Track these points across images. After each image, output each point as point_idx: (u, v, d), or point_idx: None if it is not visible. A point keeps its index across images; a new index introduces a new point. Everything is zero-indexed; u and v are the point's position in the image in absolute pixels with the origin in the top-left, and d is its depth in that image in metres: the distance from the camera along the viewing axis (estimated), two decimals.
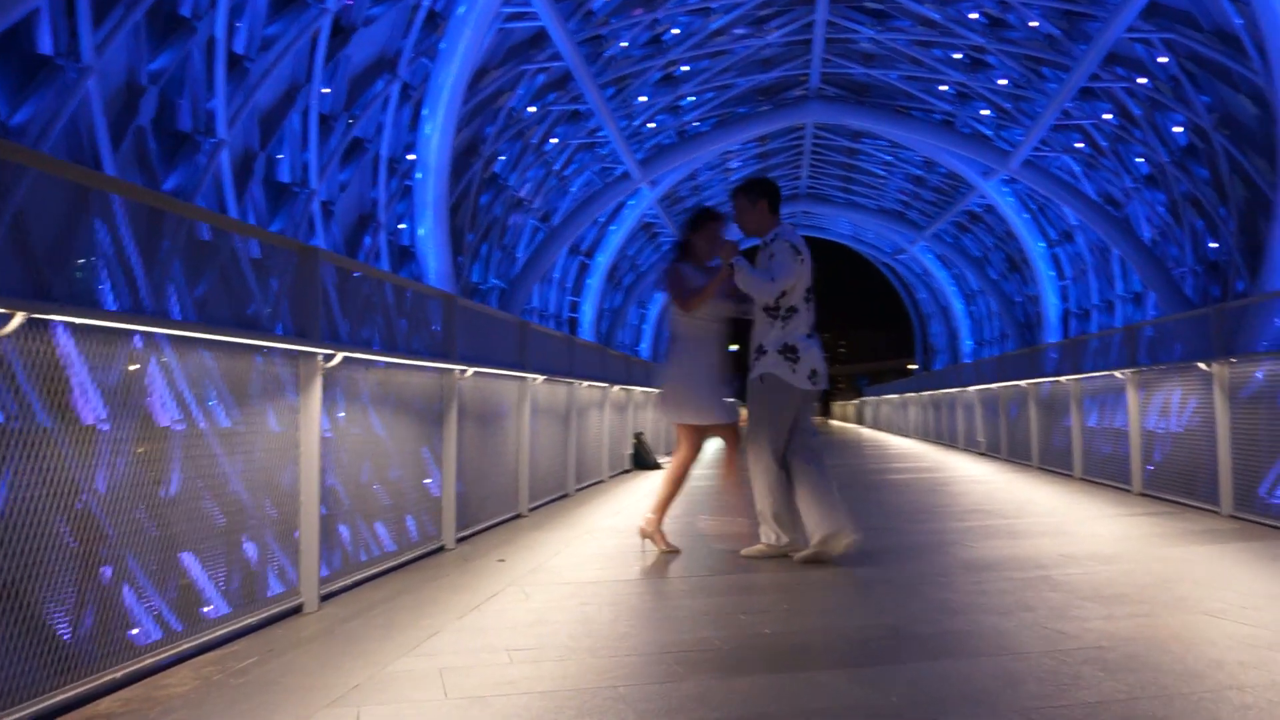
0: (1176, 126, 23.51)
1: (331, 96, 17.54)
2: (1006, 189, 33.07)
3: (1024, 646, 3.42)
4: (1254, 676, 2.99)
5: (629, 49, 25.78)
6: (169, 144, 13.37)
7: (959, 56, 26.97)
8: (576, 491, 9.42)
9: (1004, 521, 7.04)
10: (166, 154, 13.30)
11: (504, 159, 26.01)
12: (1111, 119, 25.45)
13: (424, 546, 5.61)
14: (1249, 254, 21.20)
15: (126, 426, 3.21)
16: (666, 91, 28.79)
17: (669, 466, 5.67)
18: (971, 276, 44.45)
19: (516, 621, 3.97)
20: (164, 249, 3.78)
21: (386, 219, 19.90)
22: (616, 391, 11.64)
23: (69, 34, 10.93)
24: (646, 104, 28.99)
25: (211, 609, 3.62)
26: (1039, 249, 34.99)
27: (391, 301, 5.75)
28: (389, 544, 5.24)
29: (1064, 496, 8.82)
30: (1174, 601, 4.14)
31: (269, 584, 4.02)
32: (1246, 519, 6.66)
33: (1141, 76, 22.79)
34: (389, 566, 5.07)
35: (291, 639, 3.69)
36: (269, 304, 4.32)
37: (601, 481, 10.78)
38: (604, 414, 11.19)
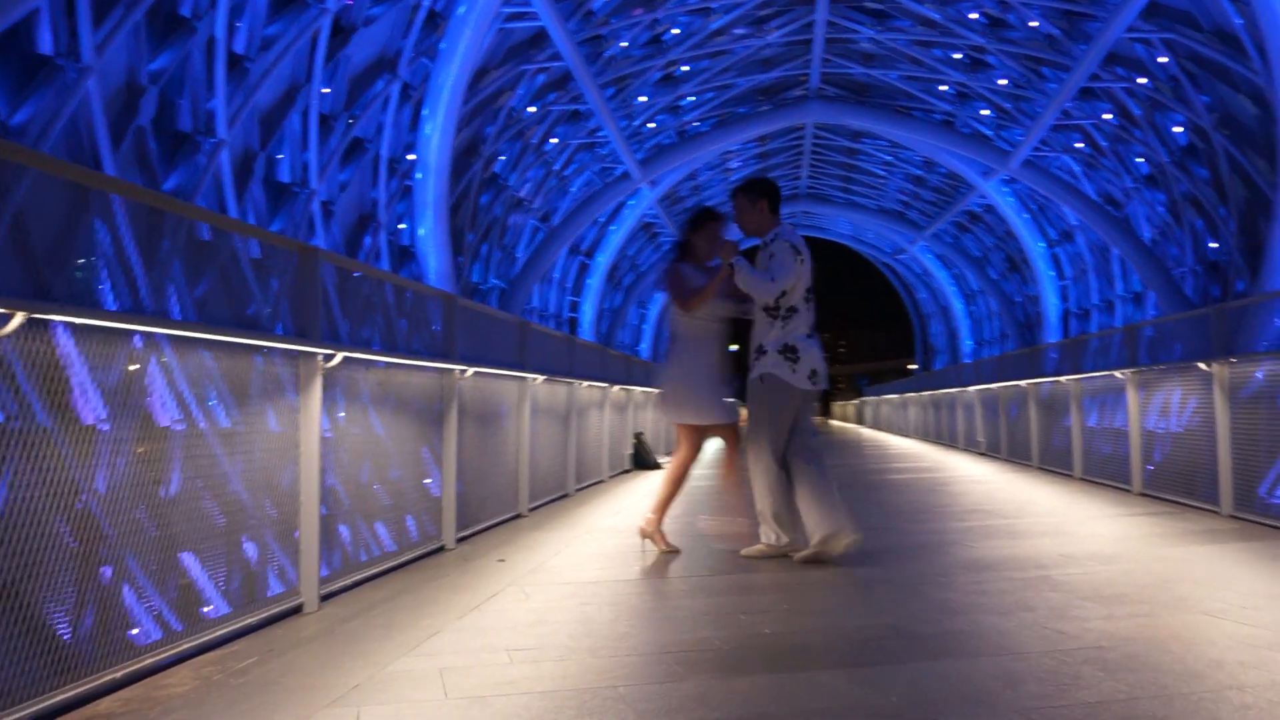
0: (1176, 126, 23.51)
1: (331, 96, 17.55)
2: (1006, 189, 33.08)
3: (1024, 646, 3.42)
4: (1254, 676, 2.99)
5: (629, 49, 25.79)
6: (169, 144, 13.38)
7: (959, 56, 26.98)
8: (576, 491, 9.43)
9: (1004, 521, 7.04)
10: (166, 154, 13.31)
11: (504, 159, 26.02)
12: (1111, 119, 25.45)
13: (424, 546, 5.61)
14: (1249, 254, 21.20)
15: (127, 426, 3.21)
16: (666, 91, 28.80)
17: (669, 466, 5.68)
18: (971, 276, 44.46)
19: (516, 621, 3.97)
20: (164, 249, 3.78)
21: (386, 219, 19.91)
22: (616, 391, 11.65)
23: (69, 34, 10.94)
24: (646, 104, 29.00)
25: (212, 609, 3.62)
26: (1039, 249, 35.00)
27: (391, 301, 5.75)
28: (389, 544, 5.24)
29: (1064, 496, 8.82)
30: (1174, 601, 4.14)
31: (269, 584, 4.02)
32: (1246, 519, 6.66)
33: (1141, 76, 22.79)
34: (389, 566, 5.07)
35: (291, 639, 3.69)
36: (269, 304, 4.33)
37: (601, 481, 10.78)
38: (604, 414, 11.19)
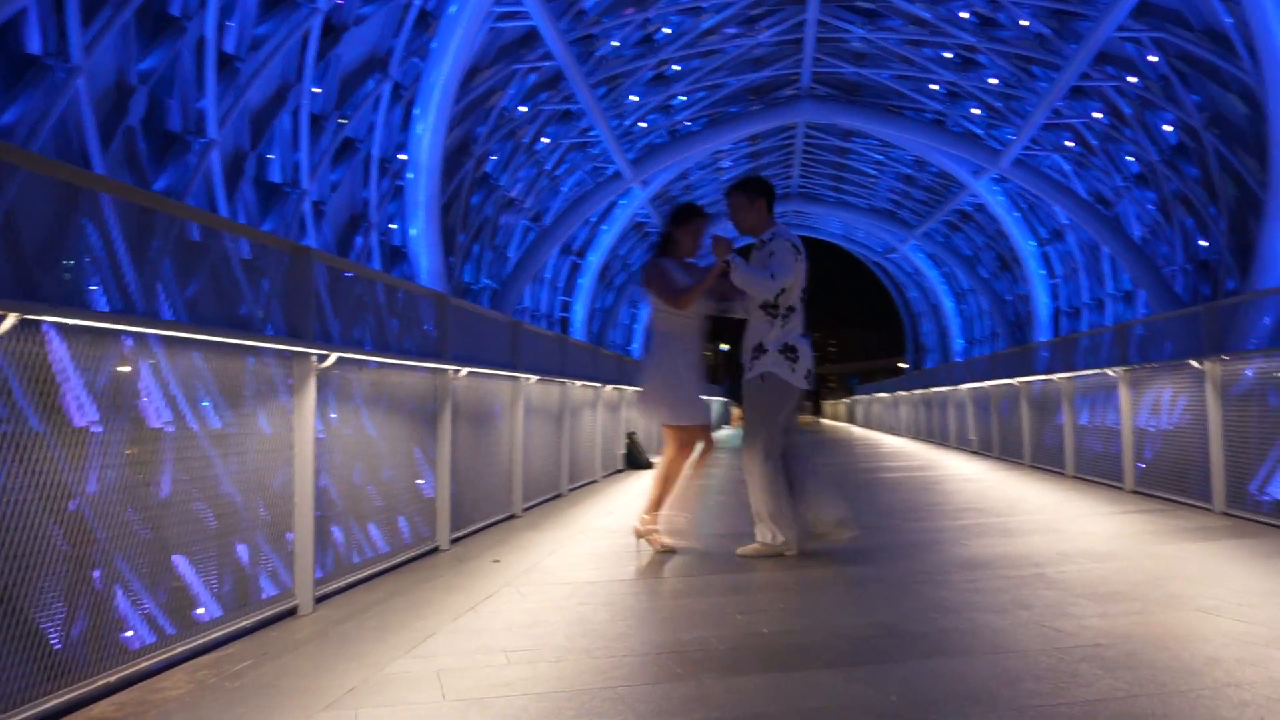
0: (1167, 125, 23.59)
1: (322, 96, 17.49)
2: (997, 188, 33.16)
3: (1021, 644, 3.42)
4: (1251, 674, 2.99)
5: (620, 48, 25.77)
6: (159, 144, 13.31)
7: (950, 56, 27.02)
8: (570, 491, 9.41)
9: (997, 519, 7.05)
10: (156, 154, 13.24)
11: (495, 159, 25.98)
12: (1102, 118, 25.52)
13: (418, 547, 5.59)
14: (1239, 252, 21.29)
15: (118, 429, 3.19)
16: (658, 91, 28.79)
17: (659, 465, 5.64)
18: (962, 275, 44.54)
19: (513, 622, 3.96)
20: (155, 249, 3.76)
21: (378, 219, 19.86)
22: (609, 391, 11.63)
23: (58, 33, 10.87)
24: (638, 103, 28.99)
25: (206, 612, 3.59)
26: (1030, 247, 35.09)
27: (384, 302, 5.72)
28: (383, 545, 5.22)
29: (1056, 494, 8.84)
30: (1169, 599, 4.15)
31: (263, 586, 4.00)
32: (1238, 516, 6.69)
33: (1132, 75, 22.85)
34: (384, 568, 5.05)
35: (286, 641, 3.67)
36: (262, 304, 4.30)
37: (595, 481, 10.77)
38: (597, 414, 11.18)
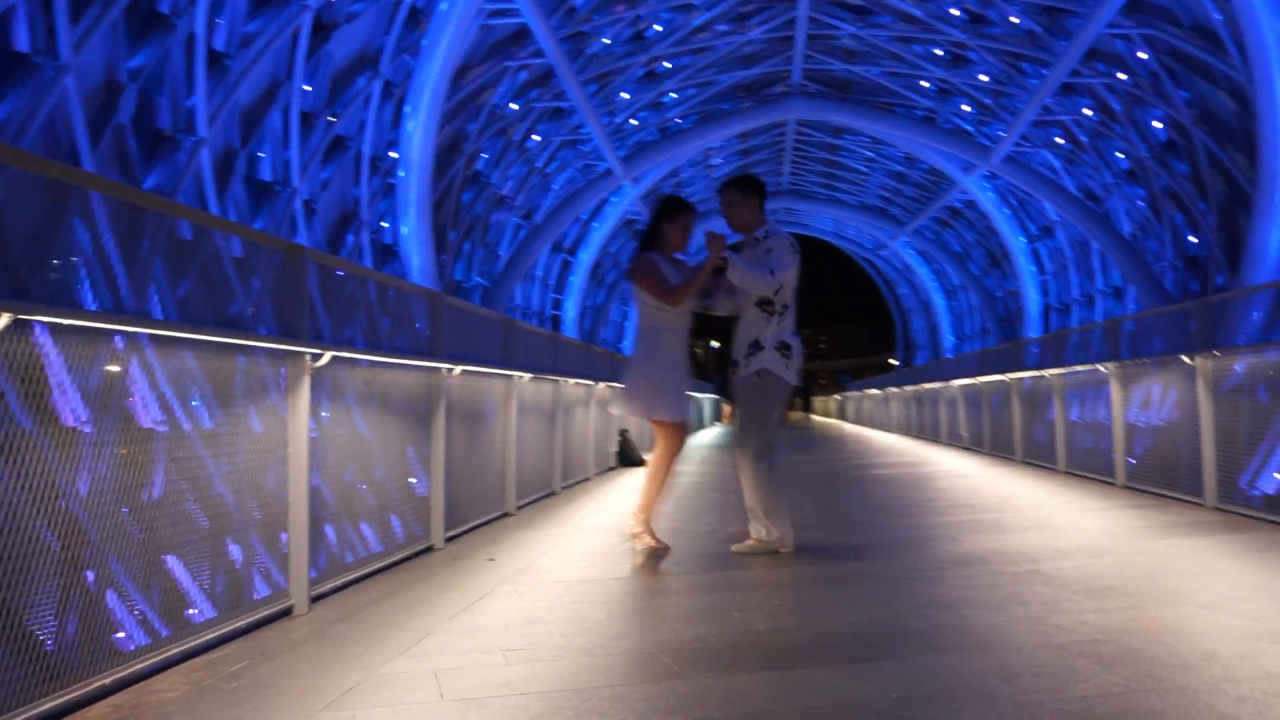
0: (1156, 122, 23.66)
1: (313, 94, 17.42)
2: (987, 184, 33.23)
3: (1018, 640, 3.43)
4: (1247, 668, 3.00)
5: (611, 45, 25.73)
6: (149, 142, 13.24)
7: (940, 52, 27.06)
8: (563, 489, 9.40)
9: (990, 515, 7.06)
10: (146, 152, 13.17)
11: (486, 156, 25.92)
12: (1092, 114, 25.59)
13: (413, 546, 5.57)
14: (1228, 248, 21.38)
15: (110, 429, 3.17)
16: (649, 88, 28.76)
17: (650, 464, 5.57)
18: (952, 272, 44.63)
19: (509, 621, 3.95)
20: (147, 248, 3.73)
21: (369, 217, 19.80)
22: (602, 389, 11.63)
23: (46, 31, 10.80)
24: (629, 101, 28.95)
25: (201, 613, 3.57)
26: (1020, 244, 35.17)
27: (378, 300, 5.70)
28: (378, 545, 5.20)
29: (1049, 490, 8.87)
30: (1164, 594, 4.17)
31: (258, 587, 3.98)
32: (1230, 510, 6.72)
33: (1122, 72, 22.92)
34: (378, 567, 5.03)
35: (282, 642, 3.65)
36: (255, 303, 4.27)
37: (587, 479, 10.76)
38: (589, 411, 11.17)
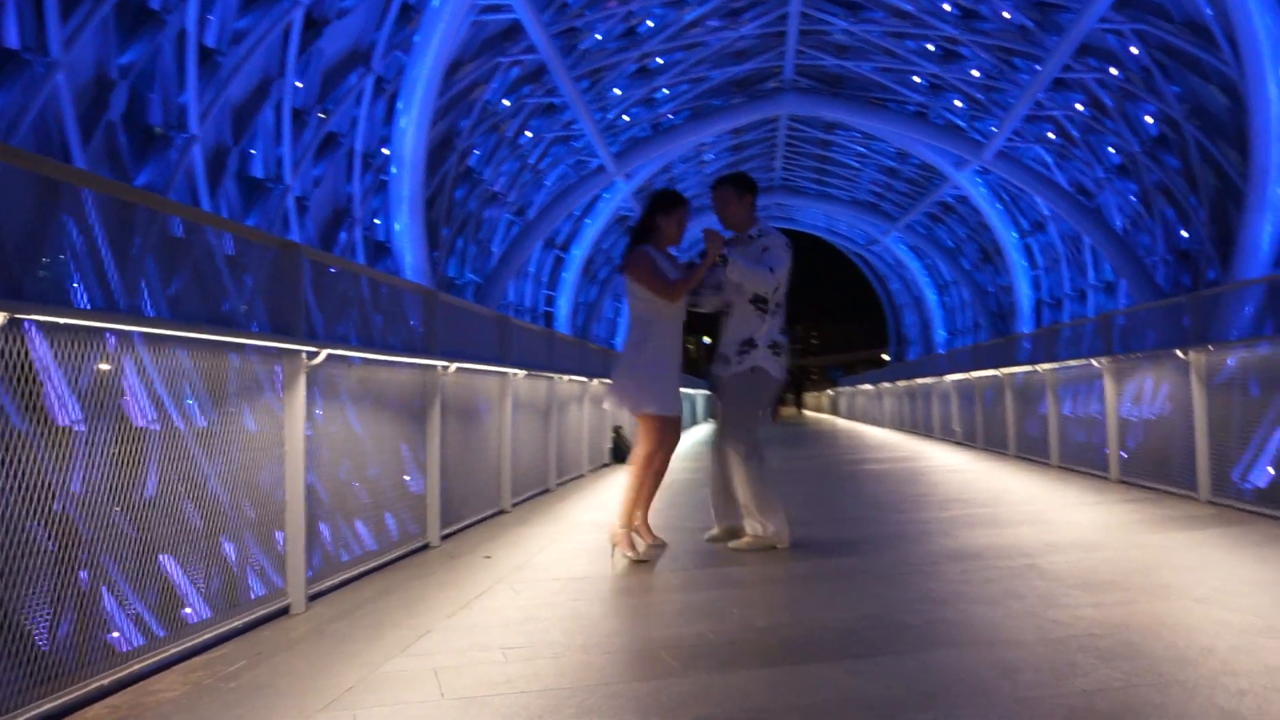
0: (1148, 117, 23.70)
1: (305, 90, 17.35)
2: (979, 180, 33.26)
3: (1016, 635, 3.44)
4: (1246, 662, 3.01)
5: (603, 41, 25.68)
6: (140, 139, 13.18)
7: (932, 48, 27.07)
8: (558, 486, 9.40)
9: (985, 510, 7.08)
10: (138, 149, 13.11)
11: (479, 153, 25.86)
12: (1084, 110, 25.63)
13: (409, 544, 5.57)
14: (1220, 243, 21.44)
15: (104, 428, 3.15)
16: (641, 84, 28.71)
17: (632, 466, 5.36)
18: (944, 267, 44.68)
19: (507, 619, 3.95)
20: (141, 246, 3.71)
21: (361, 214, 19.74)
22: (596, 385, 11.62)
23: (36, 27, 10.73)
24: (621, 97, 28.90)
25: (199, 612, 3.56)
26: (1012, 239, 35.22)
27: (373, 298, 5.68)
28: (375, 543, 5.19)
29: (1042, 484, 8.89)
30: (1160, 588, 4.18)
31: (255, 586, 3.97)
32: (1223, 504, 6.75)
33: (1113, 67, 22.95)
34: (375, 565, 5.03)
35: (280, 641, 3.64)
36: (251, 301, 4.26)
37: (582, 476, 10.77)
38: (583, 408, 11.17)
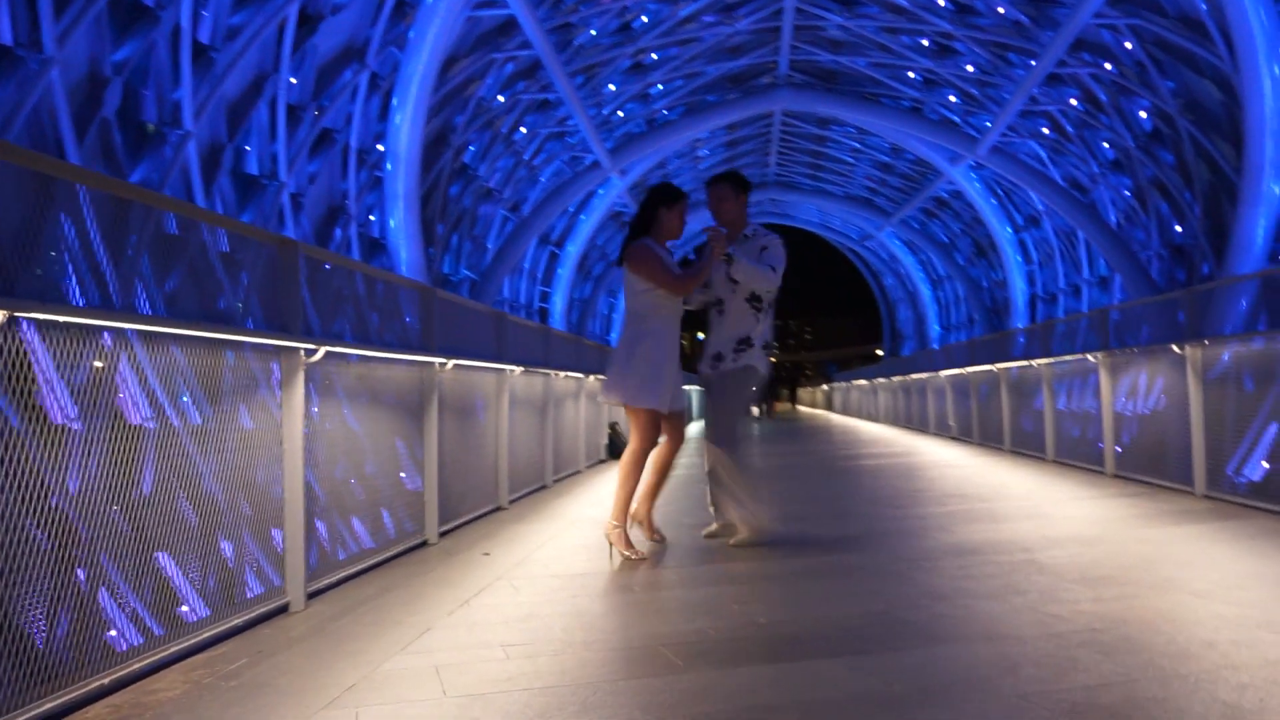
0: (1142, 112, 23.72)
1: (299, 86, 17.29)
2: (974, 175, 33.28)
3: (1017, 630, 3.44)
4: (1247, 655, 3.02)
5: (598, 37, 25.64)
6: (134, 136, 13.13)
7: (927, 43, 27.06)
8: (554, 483, 9.40)
9: (982, 505, 7.09)
10: (132, 146, 13.06)
11: (473, 149, 25.81)
12: (1078, 105, 25.65)
13: (407, 541, 5.56)
14: (1214, 237, 21.47)
15: (95, 426, 3.14)
16: (636, 80, 28.67)
17: (622, 462, 5.33)
18: (939, 262, 44.71)
19: (508, 616, 3.94)
20: (138, 243, 3.70)
21: (357, 211, 19.69)
22: (592, 382, 11.61)
23: (30, 24, 10.68)
24: (616, 92, 28.86)
25: (198, 610, 3.55)
26: (1006, 234, 35.25)
27: (371, 295, 5.67)
28: (373, 540, 5.18)
29: (1039, 479, 8.91)
30: (1160, 583, 4.19)
31: (255, 584, 3.96)
32: (1219, 498, 6.77)
33: (1108, 62, 22.97)
34: (373, 563, 5.02)
35: (280, 639, 3.64)
36: (248, 299, 4.25)
37: (578, 472, 10.76)
38: (580, 404, 11.16)
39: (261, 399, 4.08)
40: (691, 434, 11.16)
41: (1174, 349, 7.45)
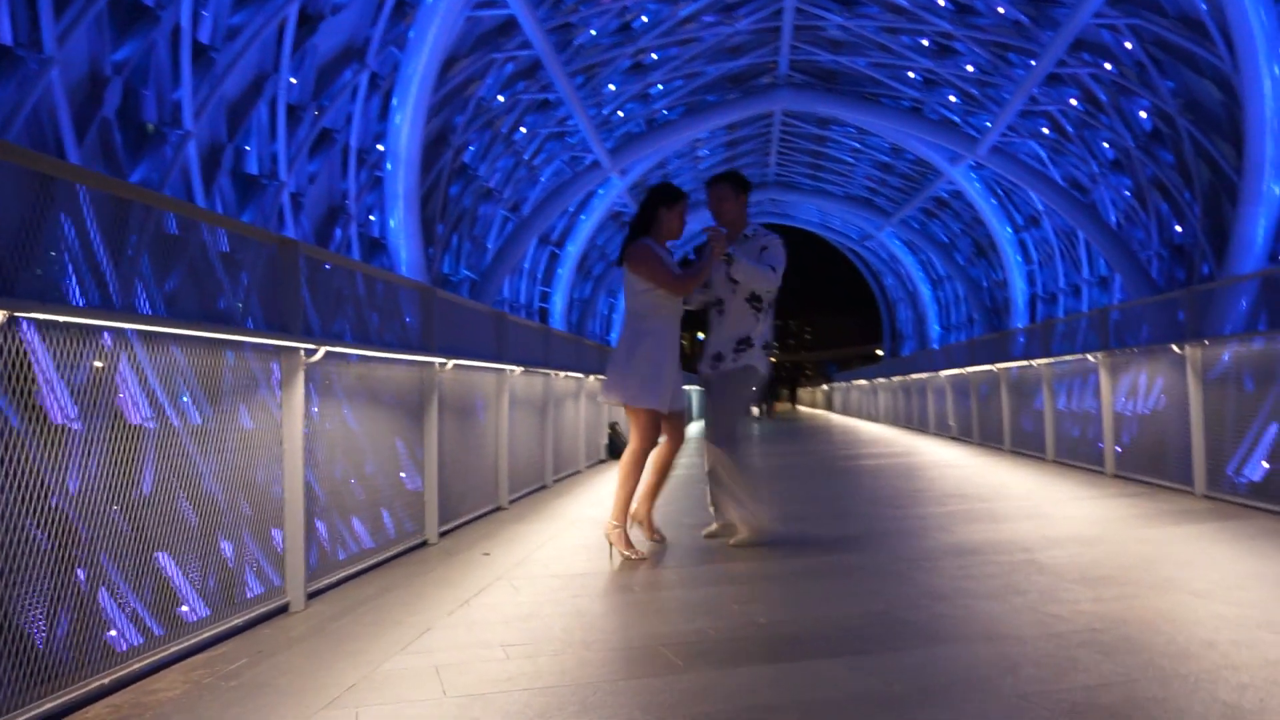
0: (1142, 112, 23.71)
1: (299, 86, 17.29)
2: (974, 175, 33.28)
3: (1018, 630, 3.44)
4: (1247, 655, 3.02)
5: (598, 37, 25.64)
6: (134, 136, 13.12)
7: (927, 43, 27.06)
8: (554, 483, 9.40)
9: (983, 505, 7.09)
10: (132, 146, 13.06)
11: (473, 149, 25.81)
12: (1078, 105, 25.65)
13: (407, 541, 5.56)
14: (1214, 237, 21.48)
15: (94, 426, 3.14)
16: (636, 80, 28.67)
17: (621, 462, 5.32)
18: (939, 262, 44.71)
19: (508, 616, 3.94)
20: (137, 244, 3.70)
21: (357, 210, 19.69)
22: (592, 381, 11.62)
23: (30, 24, 10.68)
24: (616, 92, 28.87)
25: (198, 610, 3.55)
26: (1006, 234, 35.25)
27: (371, 295, 5.67)
28: (373, 540, 5.18)
29: (1039, 479, 8.91)
30: (1159, 583, 4.19)
31: (254, 584, 3.96)
32: (1219, 498, 6.77)
33: (1108, 62, 22.96)
34: (373, 563, 5.02)
35: (280, 639, 3.64)
36: (249, 299, 4.25)
37: (578, 472, 10.76)
38: (579, 404, 11.16)
39: (261, 399, 4.08)
40: (691, 434, 11.17)
41: (1174, 349, 7.46)
